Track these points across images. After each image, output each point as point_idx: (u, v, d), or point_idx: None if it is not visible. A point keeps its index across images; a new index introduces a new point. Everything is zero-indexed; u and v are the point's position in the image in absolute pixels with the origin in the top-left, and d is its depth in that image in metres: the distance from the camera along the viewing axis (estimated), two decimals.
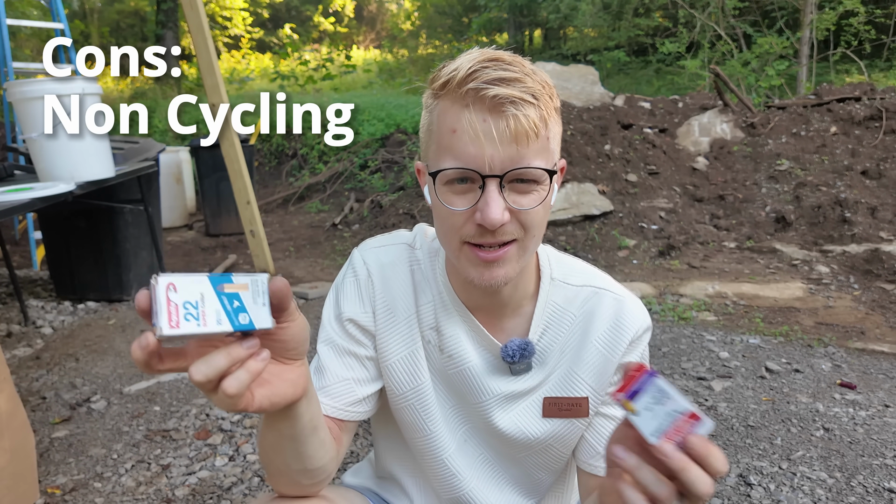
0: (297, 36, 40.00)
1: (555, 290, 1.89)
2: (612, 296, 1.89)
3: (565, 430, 1.91)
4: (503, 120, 1.50)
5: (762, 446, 4.18)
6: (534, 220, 1.60)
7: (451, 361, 1.88)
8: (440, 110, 1.59)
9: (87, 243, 7.27)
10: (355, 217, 11.41)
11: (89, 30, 34.40)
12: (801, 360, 5.44)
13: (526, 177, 1.55)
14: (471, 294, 1.84)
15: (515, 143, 1.51)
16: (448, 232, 1.64)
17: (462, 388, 1.90)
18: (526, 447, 1.94)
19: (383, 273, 1.90)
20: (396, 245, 1.95)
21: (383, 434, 2.14)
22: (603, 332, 1.86)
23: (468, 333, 1.88)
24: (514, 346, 1.81)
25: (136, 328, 6.60)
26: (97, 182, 5.94)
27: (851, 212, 8.60)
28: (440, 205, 1.60)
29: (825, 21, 18.16)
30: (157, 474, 4.06)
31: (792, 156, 10.67)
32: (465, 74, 1.51)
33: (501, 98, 1.48)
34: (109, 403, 5.01)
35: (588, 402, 1.87)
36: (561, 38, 34.28)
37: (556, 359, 1.89)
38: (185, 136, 15.64)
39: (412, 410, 1.92)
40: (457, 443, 1.97)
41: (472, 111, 1.51)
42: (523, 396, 1.90)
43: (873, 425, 4.39)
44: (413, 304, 1.90)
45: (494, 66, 1.51)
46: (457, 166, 1.54)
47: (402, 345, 1.89)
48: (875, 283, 7.14)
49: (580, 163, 10.19)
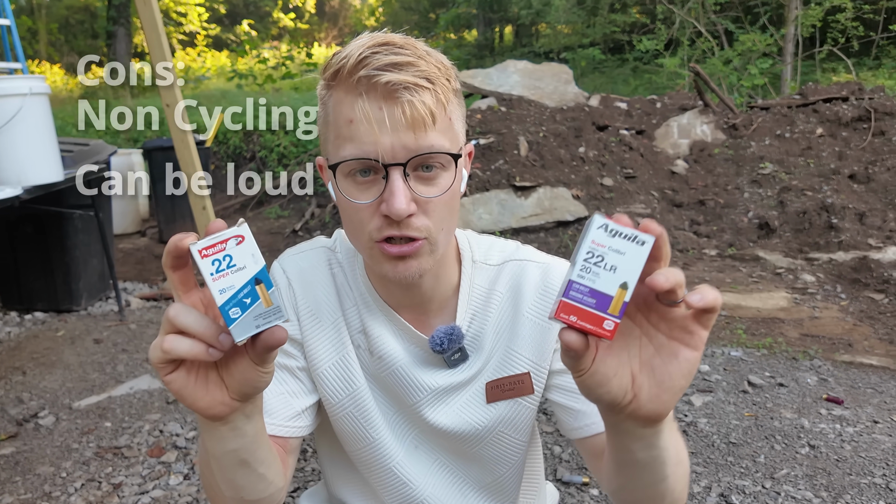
0: (255, 33, 39.95)
1: (478, 273, 1.92)
2: (536, 265, 1.91)
3: (512, 412, 1.91)
4: (398, 107, 1.51)
5: (744, 464, 4.20)
6: (441, 210, 1.62)
7: (381, 363, 1.88)
8: (334, 101, 1.60)
9: (35, 250, 7.21)
10: (317, 223, 11.36)
11: (37, 26, 34.31)
12: (785, 373, 5.47)
13: (430, 162, 1.58)
14: (392, 292, 1.85)
15: (413, 130, 1.53)
16: (356, 229, 1.65)
17: (397, 389, 1.90)
18: (476, 439, 1.93)
19: (303, 278, 1.91)
20: (315, 249, 1.96)
21: (328, 459, 2.14)
22: (533, 302, 1.88)
23: (394, 332, 1.88)
24: (441, 334, 1.82)
25: (87, 339, 6.57)
26: (45, 186, 5.94)
27: (838, 218, 8.65)
28: (344, 199, 1.62)
29: (811, 17, 18.23)
30: (109, 493, 4.05)
31: (776, 159, 10.71)
32: (356, 62, 1.52)
33: (394, 84, 1.50)
34: (58, 419, 4.98)
35: (530, 378, 1.87)
36: (533, 34, 34.34)
37: (492, 342, 1.89)
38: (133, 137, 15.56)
39: (351, 419, 1.91)
40: (405, 449, 1.97)
41: (366, 100, 1.53)
42: (465, 387, 1.90)
43: (861, 442, 4.41)
44: (338, 308, 1.90)
45: (385, 50, 1.52)
46: (357, 157, 1.55)
47: (331, 350, 1.89)
48: (863, 292, 7.18)
49: (553, 166, 10.21)
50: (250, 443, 1.46)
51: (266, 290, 1.19)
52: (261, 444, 1.52)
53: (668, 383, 1.23)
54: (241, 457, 1.48)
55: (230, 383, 1.30)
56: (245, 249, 1.18)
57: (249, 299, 1.18)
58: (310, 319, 1.88)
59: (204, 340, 1.19)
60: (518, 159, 10.10)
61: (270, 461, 1.59)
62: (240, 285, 1.17)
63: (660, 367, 1.23)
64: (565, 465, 4.26)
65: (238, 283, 1.17)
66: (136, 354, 6.17)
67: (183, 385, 1.27)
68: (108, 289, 7.99)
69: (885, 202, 9.20)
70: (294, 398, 1.86)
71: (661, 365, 1.23)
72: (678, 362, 1.22)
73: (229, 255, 1.16)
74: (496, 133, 10.66)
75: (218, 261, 1.15)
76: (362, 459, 1.97)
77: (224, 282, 1.16)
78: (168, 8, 36.93)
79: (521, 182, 9.60)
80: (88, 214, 7.20)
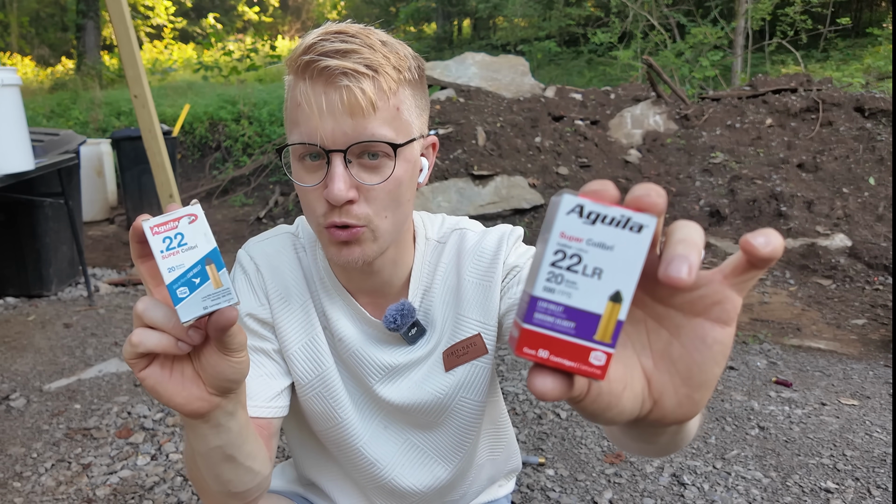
0: (220, 26, 39.95)
1: (429, 250, 1.94)
2: (474, 233, 1.94)
3: (469, 374, 1.92)
4: (337, 92, 1.52)
5: (696, 445, 4.21)
6: (383, 198, 1.62)
7: (342, 346, 1.90)
8: (290, 86, 1.62)
9: (6, 238, 7.20)
10: (280, 211, 11.35)
11: (8, 19, 34.22)
12: (735, 356, 5.50)
13: (371, 150, 1.57)
14: (350, 277, 1.86)
15: (351, 116, 1.53)
16: (308, 212, 1.66)
17: (358, 371, 1.91)
18: (440, 409, 1.95)
19: (270, 263, 1.91)
20: (279, 235, 1.97)
21: (298, 442, 2.14)
22: (472, 265, 1.89)
23: (349, 315, 1.90)
24: (392, 312, 1.83)
25: (57, 323, 6.54)
26: (16, 175, 5.90)
27: (787, 205, 8.68)
28: (296, 183, 1.63)
29: (760, 11, 18.28)
30: (78, 474, 4.03)
31: (726, 148, 10.75)
32: (306, 48, 1.54)
33: (333, 69, 1.51)
34: (29, 401, 4.96)
35: (481, 338, 1.89)
36: (491, 27, 34.47)
37: (442, 312, 1.91)
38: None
39: (320, 399, 1.92)
40: (372, 430, 1.99)
41: (309, 84, 1.54)
42: (423, 361, 1.93)
43: (809, 424, 4.43)
44: (306, 290, 1.91)
45: (335, 38, 1.54)
46: (301, 141, 1.57)
47: (300, 331, 1.90)
48: (811, 278, 7.22)
49: (510, 155, 10.22)
50: (235, 438, 1.44)
51: (216, 271, 1.14)
52: (246, 439, 1.49)
53: (699, 377, 0.85)
54: (227, 452, 1.46)
55: (205, 377, 1.26)
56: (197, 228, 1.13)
57: (199, 279, 1.13)
58: (279, 302, 1.89)
59: (172, 334, 1.16)
60: (476, 149, 10.10)
61: (256, 453, 1.57)
62: (189, 264, 1.12)
63: (683, 357, 0.85)
64: (522, 446, 4.25)
65: (188, 262, 1.12)
66: (104, 338, 6.16)
67: (157, 381, 1.23)
68: (78, 274, 8.01)
69: (832, 191, 9.24)
70: (272, 379, 1.85)
71: (685, 354, 0.85)
72: (706, 346, 0.84)
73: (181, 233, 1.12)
74: (455, 123, 10.65)
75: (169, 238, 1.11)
76: (331, 439, 1.98)
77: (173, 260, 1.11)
78: (136, 2, 36.89)
79: (479, 171, 9.61)
80: (58, 202, 7.19)
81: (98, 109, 17.30)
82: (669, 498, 3.69)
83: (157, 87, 20.11)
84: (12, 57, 31.50)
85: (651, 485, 3.81)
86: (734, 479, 3.84)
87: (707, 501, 3.64)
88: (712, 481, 3.82)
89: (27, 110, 6.19)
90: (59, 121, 16.85)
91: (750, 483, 3.80)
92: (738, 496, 3.68)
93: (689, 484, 3.79)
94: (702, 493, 3.71)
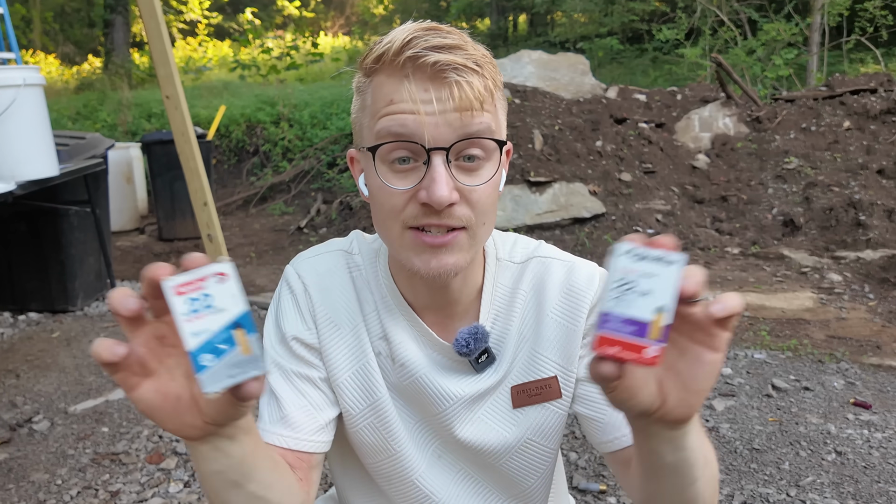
0: (258, 21, 39.90)
1: (501, 271, 1.90)
2: (560, 262, 1.90)
3: (540, 417, 1.89)
4: (446, 88, 1.50)
5: (768, 471, 4.19)
6: (484, 202, 1.60)
7: (403, 371, 1.85)
8: (374, 85, 1.59)
9: (29, 249, 7.21)
10: (322, 220, 11.36)
11: (31, 15, 34.26)
12: (811, 376, 5.45)
13: (473, 152, 1.56)
14: (418, 292, 1.82)
15: (459, 112, 1.51)
16: (388, 217, 1.61)
17: (421, 398, 1.87)
18: (505, 450, 1.91)
19: (321, 283, 1.88)
20: (332, 252, 1.94)
21: (341, 470, 2.11)
22: (557, 302, 1.86)
23: (415, 338, 1.86)
24: (465, 335, 1.79)
25: (83, 341, 6.56)
26: (40, 181, 5.94)
27: (866, 214, 8.63)
28: (381, 185, 1.59)
29: (838, 5, 18.14)
30: (106, 501, 4.05)
31: (801, 153, 10.69)
32: (402, 43, 1.51)
33: (443, 64, 1.49)
34: (53, 424, 4.98)
35: (558, 382, 1.86)
36: (548, 23, 34.33)
37: (516, 343, 1.87)
38: None
39: (372, 430, 1.88)
40: (427, 461, 1.94)
41: (412, 80, 1.52)
42: (490, 394, 1.88)
43: (890, 448, 4.40)
44: (359, 313, 1.87)
45: (433, 34, 1.52)
46: (397, 138, 1.53)
47: (351, 359, 1.86)
48: (892, 292, 7.15)
49: (569, 160, 10.19)
50: (237, 464, 1.42)
51: (246, 337, 1.13)
52: (255, 467, 1.47)
53: (694, 386, 1.27)
54: (230, 478, 1.44)
55: (205, 408, 1.26)
56: (226, 289, 1.12)
57: (226, 346, 1.12)
58: (328, 327, 1.86)
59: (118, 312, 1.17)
60: (532, 153, 10.08)
61: (272, 482, 1.54)
62: (216, 329, 1.11)
63: (684, 370, 1.27)
64: (581, 472, 4.25)
65: (215, 327, 1.11)
66: None
67: (149, 406, 1.24)
68: (106, 288, 7.95)
69: None
70: (318, 411, 1.82)
71: (686, 368, 1.27)
72: (701, 365, 1.25)
73: (208, 293, 1.11)
74: (510, 126, 10.60)
75: (194, 300, 1.10)
76: (382, 472, 1.95)
77: (199, 324, 1.10)
78: None
79: (535, 177, 9.59)
80: (85, 211, 7.20)
81: (127, 111, 17.35)
82: None
83: (191, 88, 20.02)
84: (35, 55, 31.51)
85: None
86: None
87: None
88: None
89: (51, 112, 6.20)
90: (85, 123, 16.90)
91: None
92: None
93: None
94: None
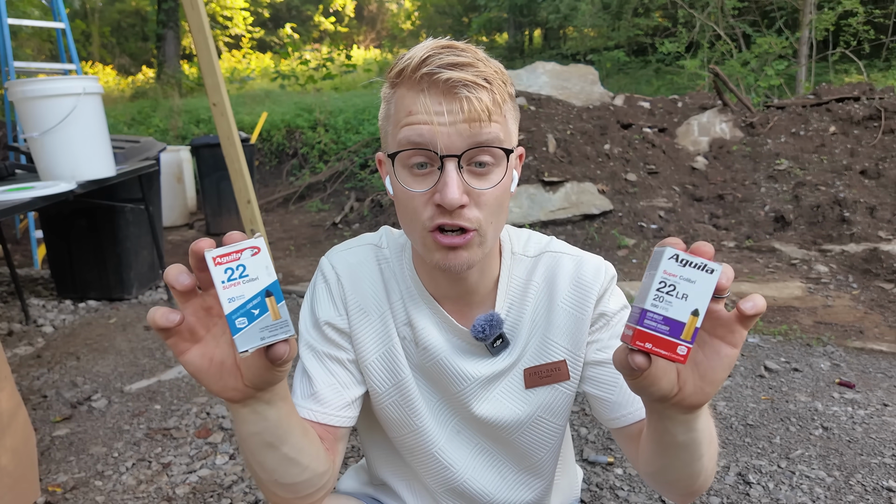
0: (297, 35, 40.09)
1: (516, 264, 1.94)
2: (570, 257, 1.95)
3: (550, 397, 1.94)
4: (457, 102, 1.54)
5: (761, 445, 4.18)
6: (492, 203, 1.63)
7: (426, 354, 1.90)
8: (398, 97, 1.63)
9: (88, 242, 7.27)
10: (355, 216, 11.38)
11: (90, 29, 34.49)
12: (799, 359, 5.44)
13: (483, 158, 1.60)
14: (438, 283, 1.86)
15: (469, 125, 1.55)
16: (411, 218, 1.66)
17: (442, 379, 1.92)
18: (517, 425, 1.96)
19: (352, 273, 1.93)
20: (363, 246, 1.99)
21: (370, 442, 2.16)
22: (567, 293, 1.90)
23: (437, 324, 1.90)
24: (482, 321, 1.84)
25: (138, 326, 6.60)
26: (98, 181, 5.95)
27: (850, 211, 8.60)
28: (401, 188, 1.64)
29: (824, 21, 18.13)
30: (158, 472, 4.06)
31: (791, 155, 10.66)
32: (420, 61, 1.56)
33: (454, 81, 1.53)
34: (110, 402, 5.01)
35: (566, 365, 1.91)
36: (561, 37, 34.30)
37: (528, 330, 1.91)
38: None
39: (396, 407, 1.94)
40: (447, 435, 1.99)
41: (427, 95, 1.56)
42: (504, 375, 1.92)
43: (872, 424, 4.39)
44: (386, 301, 1.92)
45: (447, 52, 1.57)
46: (415, 145, 1.58)
47: (378, 343, 1.91)
48: (874, 282, 7.13)
49: (580, 162, 10.18)
50: (273, 427, 1.50)
51: (276, 303, 1.20)
52: (289, 431, 1.55)
53: (711, 377, 1.33)
54: (266, 439, 1.52)
55: (245, 372, 1.35)
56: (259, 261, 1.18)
57: (258, 310, 1.19)
58: (358, 314, 1.91)
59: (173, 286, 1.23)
60: (547, 156, 10.07)
61: (303, 446, 1.61)
62: (250, 295, 1.18)
63: (703, 362, 1.34)
64: (591, 445, 4.25)
65: (248, 294, 1.18)
66: None
67: (196, 369, 1.33)
68: (158, 278, 8.05)
69: (894, 196, 9.13)
70: (345, 389, 1.88)
71: (704, 360, 1.33)
72: (719, 358, 1.32)
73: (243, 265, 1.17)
74: (526, 131, 10.62)
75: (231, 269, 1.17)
76: (405, 444, 2.00)
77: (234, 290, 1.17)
78: (215, 11, 37.12)
79: (549, 177, 9.58)
80: (139, 208, 7.26)
81: (178, 117, 17.47)
82: (735, 497, 3.67)
83: (236, 96, 20.20)
84: (94, 66, 31.76)
85: (717, 483, 3.80)
86: (798, 478, 3.82)
87: (772, 500, 3.62)
88: (777, 480, 3.80)
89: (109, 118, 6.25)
90: (139, 128, 17.03)
91: (814, 482, 3.77)
92: (803, 495, 3.65)
93: (755, 483, 3.77)
94: (767, 492, 3.69)
